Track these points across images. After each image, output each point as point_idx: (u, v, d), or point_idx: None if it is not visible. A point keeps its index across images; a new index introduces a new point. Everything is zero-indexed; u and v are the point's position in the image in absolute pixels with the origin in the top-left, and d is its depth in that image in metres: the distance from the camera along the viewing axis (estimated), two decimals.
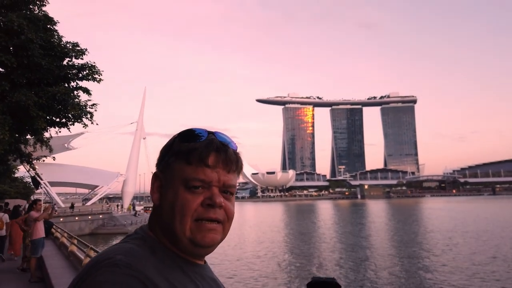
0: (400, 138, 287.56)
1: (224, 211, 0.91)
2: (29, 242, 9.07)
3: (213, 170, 0.89)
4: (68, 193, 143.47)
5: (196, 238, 0.87)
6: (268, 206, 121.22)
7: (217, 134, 0.95)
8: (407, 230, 37.72)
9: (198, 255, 0.92)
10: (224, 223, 0.91)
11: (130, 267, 0.75)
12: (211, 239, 0.88)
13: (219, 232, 0.90)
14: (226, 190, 0.92)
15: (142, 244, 0.86)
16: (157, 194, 0.93)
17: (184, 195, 0.88)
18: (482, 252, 23.26)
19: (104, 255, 0.80)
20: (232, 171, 0.93)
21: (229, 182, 0.92)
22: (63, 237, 13.06)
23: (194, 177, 0.88)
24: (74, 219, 43.38)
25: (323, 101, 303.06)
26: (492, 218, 48.29)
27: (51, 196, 63.95)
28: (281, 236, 35.28)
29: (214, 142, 0.92)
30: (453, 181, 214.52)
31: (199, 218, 0.87)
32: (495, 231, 34.42)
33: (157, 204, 0.93)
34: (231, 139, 0.97)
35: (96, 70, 14.62)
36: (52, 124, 15.40)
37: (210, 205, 0.88)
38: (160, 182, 0.93)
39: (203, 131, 0.94)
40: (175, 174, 0.90)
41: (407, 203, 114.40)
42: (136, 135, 76.78)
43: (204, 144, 0.90)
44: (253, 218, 65.45)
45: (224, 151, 0.92)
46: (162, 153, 0.96)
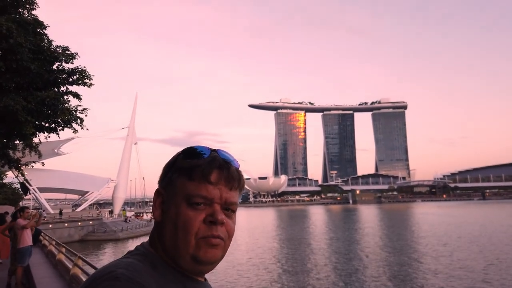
0: (391, 144, 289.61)
1: (225, 227, 0.91)
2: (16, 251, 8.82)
3: (216, 187, 0.90)
4: (58, 199, 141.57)
5: (199, 254, 0.87)
6: (260, 212, 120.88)
7: (219, 152, 0.96)
8: (398, 235, 37.80)
9: (199, 273, 0.92)
10: (225, 240, 0.91)
11: (132, 281, 0.75)
12: (213, 255, 0.88)
13: (221, 248, 0.90)
14: (228, 207, 0.92)
15: (143, 259, 0.86)
16: (159, 211, 0.93)
17: (186, 212, 0.88)
18: (475, 259, 23.32)
19: (105, 269, 0.79)
20: (234, 188, 0.93)
21: (231, 199, 0.92)
22: (51, 245, 12.76)
23: (196, 193, 0.88)
24: (63, 226, 42.79)
25: (315, 106, 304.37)
26: (483, 224, 48.65)
27: (40, 202, 63.02)
28: (273, 243, 35.11)
29: (217, 159, 0.92)
30: (443, 186, 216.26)
31: (202, 236, 0.87)
32: (486, 237, 34.66)
33: (159, 221, 0.93)
34: (233, 157, 0.97)
35: (87, 75, 14.43)
36: (41, 129, 15.13)
37: (212, 222, 0.88)
38: (162, 199, 0.94)
39: (206, 149, 0.95)
40: (178, 190, 0.91)
41: (398, 208, 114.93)
42: (128, 140, 76.26)
43: (207, 161, 0.91)
44: (246, 224, 65.20)
45: (226, 168, 0.92)
46: (165, 169, 0.96)
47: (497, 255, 24.15)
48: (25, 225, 8.73)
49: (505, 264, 21.00)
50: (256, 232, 46.41)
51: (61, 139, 58.36)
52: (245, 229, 51.42)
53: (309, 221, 67.49)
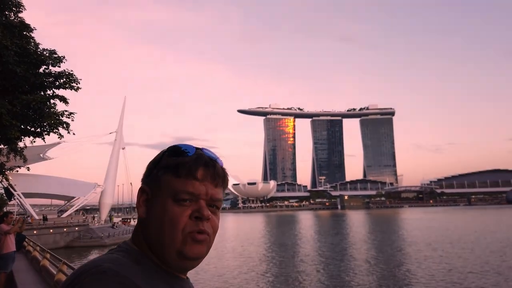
0: (379, 149, 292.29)
1: (210, 223, 0.92)
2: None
3: (202, 183, 0.91)
4: (43, 205, 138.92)
5: (185, 250, 0.87)
6: (249, 217, 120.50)
7: (204, 150, 0.98)
8: (387, 241, 38.01)
9: (184, 269, 0.93)
10: (210, 236, 0.92)
11: (118, 275, 0.76)
12: (199, 250, 0.89)
13: (206, 244, 0.91)
14: (213, 204, 0.94)
15: (127, 256, 0.86)
16: (144, 208, 0.94)
17: (172, 208, 0.89)
18: (464, 265, 23.54)
19: (90, 263, 0.80)
20: (219, 185, 0.95)
21: (216, 195, 0.94)
22: (35, 250, 12.54)
23: (183, 189, 0.90)
24: (48, 232, 42.02)
25: (304, 112, 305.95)
26: (469, 229, 49.26)
27: (24, 207, 61.83)
28: (261, 249, 35.00)
29: (203, 157, 0.95)
30: (430, 192, 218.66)
31: (188, 231, 0.88)
32: (472, 241, 35.07)
33: (143, 217, 0.93)
34: (217, 156, 1.00)
35: (74, 78, 14.29)
36: (27, 133, 14.92)
37: (198, 218, 0.89)
38: (147, 196, 0.94)
39: (191, 147, 0.96)
40: (164, 187, 0.91)
41: (386, 214, 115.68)
42: (115, 145, 75.50)
43: (194, 158, 0.93)
44: (234, 229, 64.92)
45: (212, 165, 0.94)
46: (149, 167, 0.97)
47: (484, 262, 24.42)
48: (9, 231, 8.57)
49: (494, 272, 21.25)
50: (245, 237, 46.22)
51: (47, 143, 57.40)
52: (234, 235, 51.20)
53: (298, 226, 67.50)
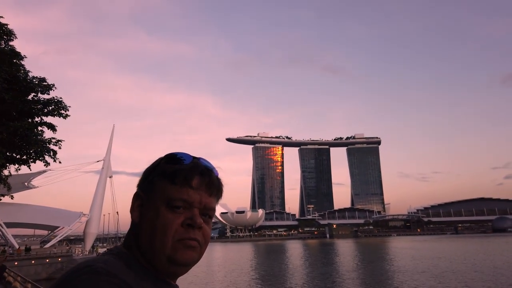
0: (366, 178, 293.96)
1: (202, 232, 0.93)
2: None
3: (196, 191, 0.93)
4: (26, 235, 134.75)
5: (176, 255, 0.89)
6: (237, 247, 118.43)
7: (201, 160, 1.01)
8: (377, 272, 37.64)
9: (173, 274, 0.94)
10: (202, 245, 0.93)
11: (111, 275, 0.77)
12: (190, 256, 0.90)
13: (197, 251, 0.92)
14: (206, 213, 0.96)
15: (118, 258, 0.88)
16: (137, 213, 0.96)
17: (165, 214, 0.90)
18: None
19: (83, 263, 0.80)
20: (214, 195, 0.98)
21: (210, 204, 0.96)
22: (16, 281, 12.12)
23: (177, 197, 0.91)
24: (29, 263, 40.57)
25: (292, 141, 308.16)
26: (459, 259, 49.20)
27: (6, 238, 59.85)
28: (250, 280, 34.31)
29: (199, 166, 0.98)
30: (417, 220, 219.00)
31: (180, 238, 0.89)
32: (462, 271, 35.01)
33: (136, 222, 0.95)
34: (214, 166, 1.02)
35: (63, 106, 14.31)
36: (12, 161, 14.73)
37: (190, 225, 0.91)
38: (141, 201, 0.96)
39: (188, 156, 0.99)
40: (158, 193, 0.93)
41: (375, 243, 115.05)
42: (102, 174, 74.36)
43: (190, 167, 0.96)
44: (222, 259, 63.65)
45: (208, 175, 0.97)
46: (145, 173, 0.99)
47: None
48: None
49: None
50: (234, 268, 45.28)
51: (33, 171, 56.41)
52: (223, 265, 50.16)
53: (287, 256, 66.54)
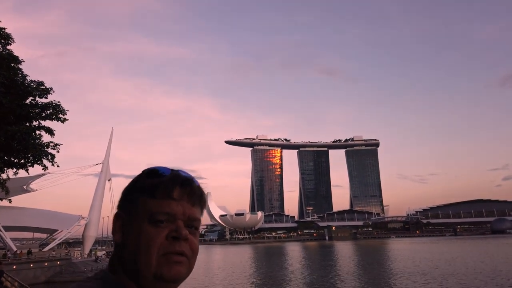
0: (365, 180, 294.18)
1: (189, 245, 0.90)
2: None
3: (178, 203, 0.91)
4: (25, 238, 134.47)
5: (162, 272, 0.85)
6: (236, 249, 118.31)
7: (180, 171, 0.98)
8: (377, 274, 37.60)
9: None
10: (190, 258, 0.90)
11: None
12: (177, 271, 0.86)
13: (185, 266, 0.89)
14: (191, 224, 0.93)
15: (103, 285, 0.85)
16: (119, 234, 0.93)
17: (148, 230, 0.88)
18: None
19: None
20: (197, 205, 0.95)
21: (194, 215, 0.93)
22: (13, 286, 12.10)
23: (159, 210, 0.89)
24: (28, 267, 40.46)
25: (291, 143, 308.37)
26: (458, 261, 49.20)
27: (4, 241, 59.71)
28: (250, 283, 34.26)
29: (179, 177, 0.95)
30: (416, 222, 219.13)
31: (165, 252, 0.86)
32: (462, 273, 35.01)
33: (119, 243, 0.92)
34: (193, 176, 1.00)
35: (61, 110, 14.32)
36: (10, 165, 14.72)
37: (175, 238, 0.88)
38: (122, 221, 0.94)
39: (166, 169, 0.96)
40: (139, 209, 0.91)
41: (373, 244, 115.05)
42: (101, 177, 74.29)
43: (169, 178, 0.93)
44: (222, 262, 63.56)
45: (189, 184, 0.95)
46: (124, 192, 0.97)
47: None
48: None
49: None
50: (233, 270, 45.20)
51: (31, 175, 56.16)
52: (222, 268, 50.09)
53: (286, 258, 66.46)
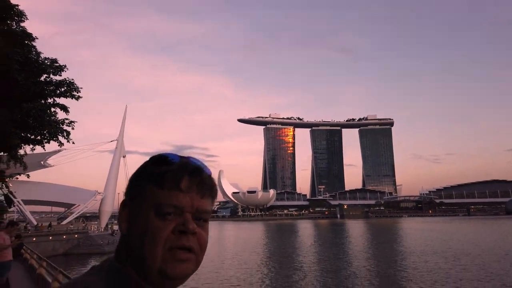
0: (378, 159, 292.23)
1: (197, 239, 0.85)
2: None
3: (186, 194, 0.85)
4: (43, 212, 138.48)
5: (167, 269, 0.80)
6: (248, 225, 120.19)
7: (190, 159, 0.91)
8: (388, 252, 37.77)
9: (169, 287, 0.85)
10: (197, 254, 0.85)
11: None
12: (182, 270, 0.82)
13: (192, 263, 0.84)
14: (200, 216, 0.87)
15: (107, 278, 0.80)
16: (125, 223, 0.87)
17: (154, 222, 0.82)
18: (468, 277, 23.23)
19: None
20: (206, 196, 0.88)
21: (203, 207, 0.87)
22: (32, 258, 12.54)
23: (166, 202, 0.83)
24: (47, 239, 41.86)
25: (304, 122, 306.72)
26: (470, 241, 49.06)
27: (24, 214, 61.66)
28: (261, 258, 34.85)
29: (188, 166, 0.88)
30: (429, 202, 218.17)
31: (171, 246, 0.81)
32: (475, 253, 34.95)
33: (125, 233, 0.87)
34: (205, 164, 0.92)
35: (75, 87, 14.43)
36: (27, 141, 15.02)
37: (182, 232, 0.83)
38: (129, 210, 0.88)
39: (175, 156, 0.90)
40: (146, 200, 0.85)
41: (385, 223, 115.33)
42: (116, 153, 75.52)
43: (178, 168, 0.86)
44: (234, 237, 64.66)
45: (198, 174, 0.87)
46: (131, 180, 0.91)
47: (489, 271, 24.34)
48: (3, 245, 8.59)
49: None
50: (245, 246, 46.00)
51: (48, 151, 57.37)
52: (234, 243, 51.01)
53: (298, 235, 67.24)
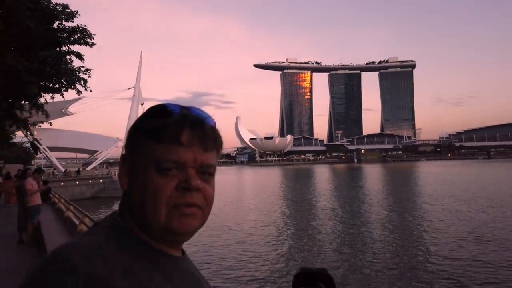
0: (398, 103, 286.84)
1: (202, 194, 0.80)
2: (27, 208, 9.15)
3: (188, 148, 0.79)
4: (68, 158, 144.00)
5: (172, 226, 0.77)
6: (266, 171, 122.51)
7: (191, 109, 0.84)
8: (405, 195, 38.10)
9: (174, 244, 0.82)
10: (203, 208, 0.81)
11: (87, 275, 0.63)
12: (188, 225, 0.78)
13: (197, 218, 0.80)
14: (204, 171, 0.81)
15: (110, 234, 0.76)
16: (126, 178, 0.83)
17: (155, 179, 0.77)
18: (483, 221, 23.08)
19: (58, 255, 0.67)
20: (210, 149, 0.82)
21: (206, 161, 0.81)
22: (60, 202, 13.21)
23: (165, 157, 0.77)
24: (74, 184, 43.81)
25: (322, 66, 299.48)
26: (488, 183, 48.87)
27: (51, 161, 64.21)
28: (279, 202, 35.79)
29: (188, 117, 0.81)
30: (448, 146, 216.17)
31: (175, 204, 0.77)
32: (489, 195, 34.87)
33: (126, 190, 0.83)
34: (208, 114, 0.85)
35: (88, 34, 14.23)
36: (46, 90, 15.19)
37: (185, 189, 0.78)
38: (129, 165, 0.82)
39: (176, 106, 0.83)
40: (145, 155, 0.79)
41: (402, 167, 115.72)
42: (134, 101, 76.17)
43: (177, 120, 0.79)
44: (252, 182, 66.31)
45: (200, 126, 0.81)
46: (130, 132, 0.85)
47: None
48: (32, 190, 9.00)
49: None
50: (263, 190, 47.23)
51: (69, 99, 57.77)
52: (252, 186, 52.40)
53: (314, 179, 68.45)
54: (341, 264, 14.04)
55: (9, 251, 8.49)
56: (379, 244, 17.15)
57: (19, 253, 8.28)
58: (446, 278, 12.09)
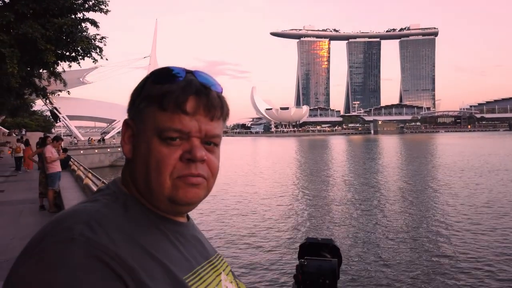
0: (418, 73, 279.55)
1: (207, 165, 0.77)
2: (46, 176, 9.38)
3: (192, 117, 0.74)
4: (88, 127, 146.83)
5: (177, 196, 0.74)
6: (281, 141, 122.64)
7: (197, 74, 0.79)
8: (421, 167, 37.69)
9: (178, 213, 0.81)
10: (208, 179, 0.78)
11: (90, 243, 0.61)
12: (193, 195, 0.76)
13: (203, 188, 0.77)
14: (209, 141, 0.77)
15: (114, 201, 0.74)
16: (129, 146, 0.78)
17: (159, 148, 0.73)
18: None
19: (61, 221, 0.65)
20: (216, 118, 0.78)
21: (212, 131, 0.77)
22: (79, 170, 13.49)
23: (169, 126, 0.73)
24: (94, 152, 44.74)
25: (340, 34, 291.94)
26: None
27: (70, 129, 65.52)
28: (291, 171, 35.93)
29: (194, 84, 0.75)
30: (469, 117, 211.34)
31: (179, 175, 0.74)
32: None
33: (129, 157, 0.78)
34: (215, 80, 0.81)
35: (102, 0, 14.05)
36: (62, 58, 15.20)
37: (190, 160, 0.74)
38: (132, 131, 0.78)
39: (181, 70, 0.77)
40: (147, 123, 0.75)
41: (420, 139, 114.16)
42: (150, 69, 74.46)
43: (181, 86, 0.74)
44: (267, 152, 66.57)
45: (205, 94, 0.76)
46: (132, 96, 0.80)
47: None
48: (51, 158, 9.18)
49: None
50: (278, 160, 47.40)
51: (85, 68, 58.06)
52: (268, 156, 52.64)
53: (330, 151, 68.19)
54: (350, 235, 14.03)
55: (31, 217, 8.76)
56: (391, 217, 16.99)
57: (41, 219, 8.53)
58: (459, 250, 12.00)
